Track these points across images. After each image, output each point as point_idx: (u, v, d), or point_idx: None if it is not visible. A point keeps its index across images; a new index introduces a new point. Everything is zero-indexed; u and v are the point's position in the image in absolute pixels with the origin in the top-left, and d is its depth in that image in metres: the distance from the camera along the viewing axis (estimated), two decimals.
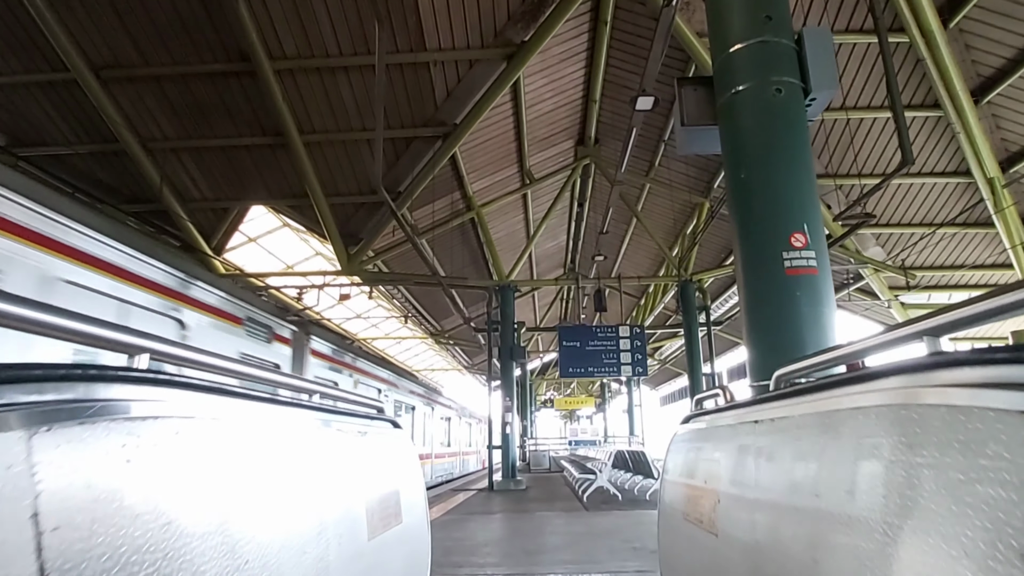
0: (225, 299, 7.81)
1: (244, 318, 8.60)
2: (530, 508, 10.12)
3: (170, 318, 6.56)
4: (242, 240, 17.01)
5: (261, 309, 9.56)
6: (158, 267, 6.48)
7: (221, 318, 7.79)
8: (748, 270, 4.03)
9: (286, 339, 10.28)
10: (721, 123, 4.29)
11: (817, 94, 4.00)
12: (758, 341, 3.87)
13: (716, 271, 16.22)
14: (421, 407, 17.07)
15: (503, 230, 18.79)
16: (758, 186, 3.91)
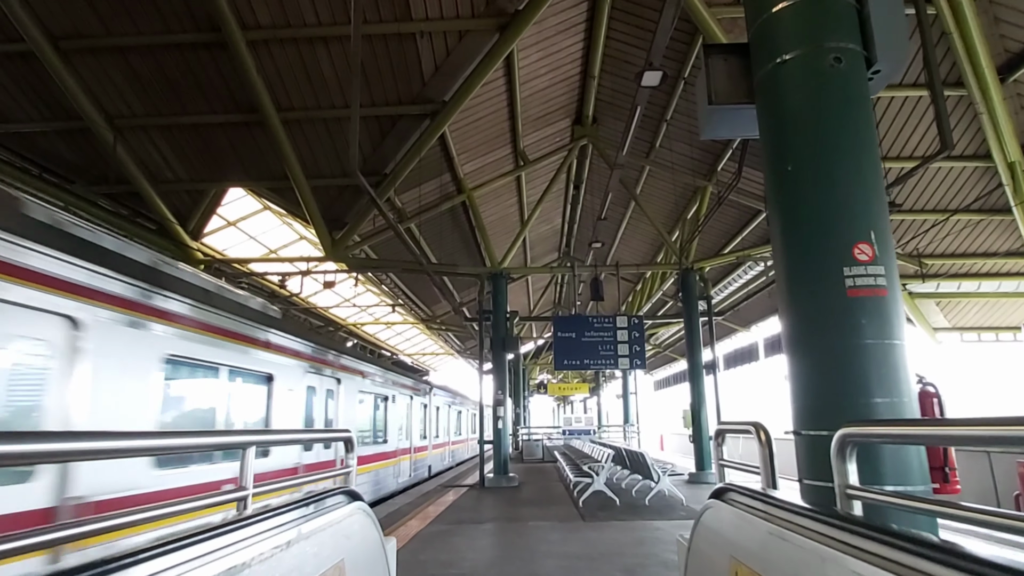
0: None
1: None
2: (522, 515, 9.48)
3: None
4: (221, 224, 16.15)
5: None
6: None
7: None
8: (796, 290, 3.26)
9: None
10: (759, 101, 3.49)
11: (883, 64, 3.16)
12: (807, 380, 3.12)
13: (718, 259, 15.51)
14: (400, 397, 15.75)
15: (495, 214, 18.00)
16: (810, 182, 3.08)
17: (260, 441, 2.73)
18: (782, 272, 3.25)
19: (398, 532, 8.14)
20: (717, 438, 4.02)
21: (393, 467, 14.58)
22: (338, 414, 10.67)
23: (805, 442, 3.03)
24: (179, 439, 2.12)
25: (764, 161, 3.49)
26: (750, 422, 3.53)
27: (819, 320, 2.98)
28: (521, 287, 25.95)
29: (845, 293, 2.91)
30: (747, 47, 3.60)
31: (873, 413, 2.77)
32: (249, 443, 2.62)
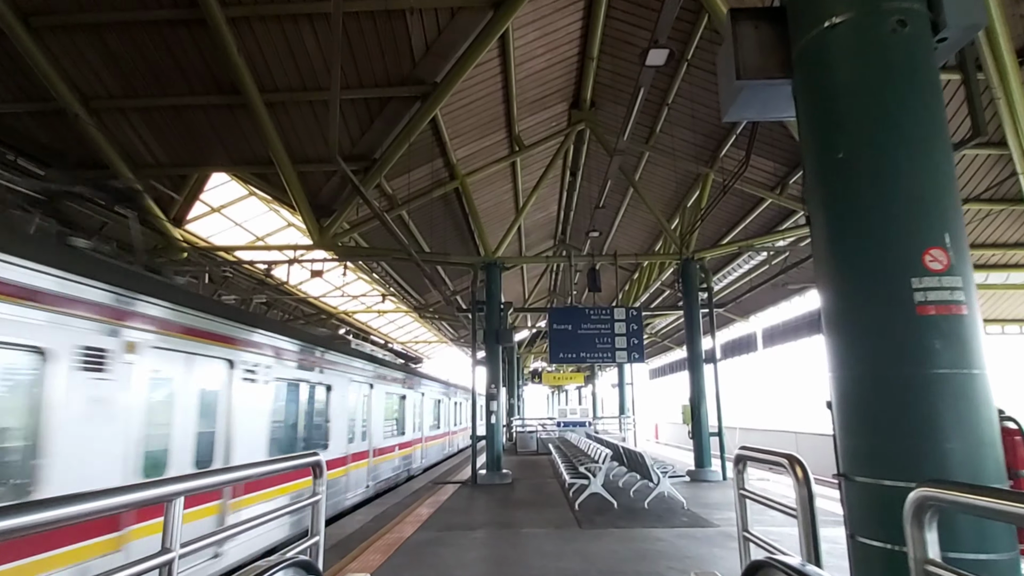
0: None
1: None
2: (516, 519, 9.05)
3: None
4: (205, 210, 15.56)
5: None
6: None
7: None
8: (847, 306, 2.66)
9: None
10: (799, 75, 2.90)
11: (952, 30, 2.61)
12: (862, 415, 2.55)
13: (719, 249, 15.01)
14: (378, 387, 14.38)
15: (489, 201, 17.46)
16: (867, 173, 2.51)
17: (191, 489, 2.23)
18: (829, 284, 2.67)
19: (384, 540, 7.69)
20: (738, 464, 3.55)
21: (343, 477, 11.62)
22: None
23: (858, 490, 2.51)
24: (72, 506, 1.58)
25: (805, 148, 2.94)
26: (783, 454, 3.05)
27: (878, 344, 2.42)
28: (516, 275, 25.44)
29: (913, 311, 2.36)
30: (783, 11, 3.04)
31: (948, 460, 2.22)
32: (174, 494, 2.12)
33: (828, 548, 6.88)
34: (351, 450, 12.12)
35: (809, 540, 2.75)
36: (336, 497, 10.85)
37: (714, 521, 8.52)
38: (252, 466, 2.95)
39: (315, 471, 3.60)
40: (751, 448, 3.55)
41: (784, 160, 13.42)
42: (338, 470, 11.16)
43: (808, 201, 2.97)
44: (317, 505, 3.60)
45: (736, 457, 3.62)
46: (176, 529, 2.16)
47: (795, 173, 13.44)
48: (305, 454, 3.59)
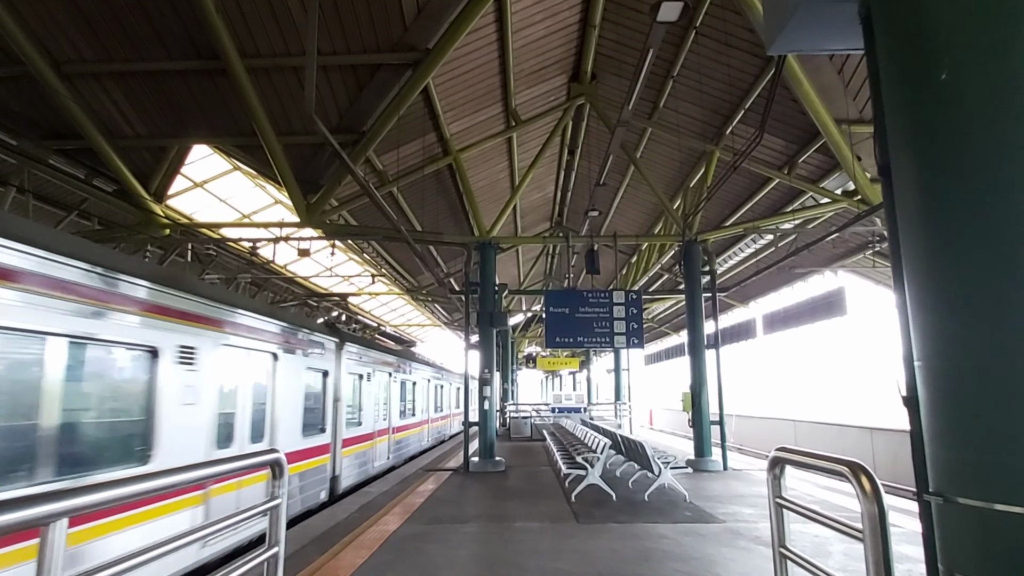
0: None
1: None
2: (509, 512, 8.55)
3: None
4: (187, 185, 14.90)
5: None
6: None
7: None
8: (956, 275, 2.02)
9: None
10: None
11: None
12: (967, 420, 1.96)
13: (724, 231, 14.46)
14: (349, 369, 12.88)
15: (484, 179, 16.83)
16: (980, 102, 1.89)
17: (79, 508, 1.68)
18: (925, 246, 2.02)
19: (368, 534, 7.18)
20: (774, 468, 3.01)
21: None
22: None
23: (958, 515, 1.90)
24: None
25: (888, 82, 2.31)
26: (841, 460, 2.50)
27: (998, 328, 1.80)
28: (511, 257, 24.85)
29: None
30: None
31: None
32: (52, 516, 1.56)
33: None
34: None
35: (880, 569, 2.22)
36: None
37: (719, 516, 8.03)
38: (185, 470, 2.39)
39: (274, 471, 3.05)
40: (791, 450, 3.00)
41: (794, 137, 12.84)
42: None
43: (891, 148, 2.39)
44: (276, 511, 3.05)
45: (772, 460, 3.07)
46: (56, 555, 1.61)
47: (805, 151, 12.87)
48: (263, 452, 3.04)
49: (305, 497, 9.96)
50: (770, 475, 3.14)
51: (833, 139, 11.53)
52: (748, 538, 6.80)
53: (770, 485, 3.20)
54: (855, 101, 11.47)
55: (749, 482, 11.26)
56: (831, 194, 13.13)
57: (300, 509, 9.71)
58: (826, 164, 13.19)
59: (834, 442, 20.14)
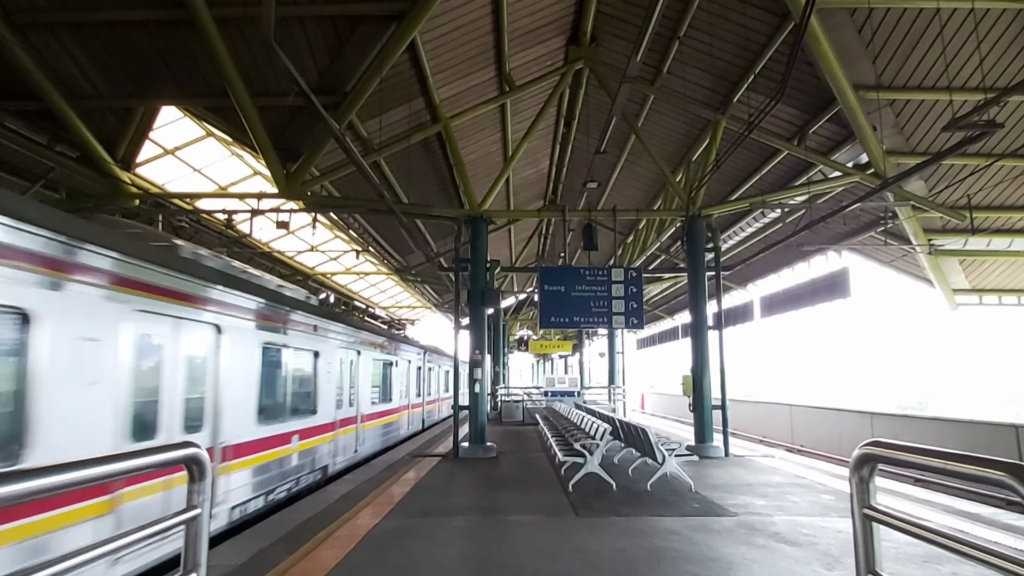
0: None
1: None
2: (501, 503, 7.84)
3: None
4: (157, 152, 13.94)
5: None
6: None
7: None
8: None
9: None
10: None
11: None
12: None
13: (730, 205, 13.68)
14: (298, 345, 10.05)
15: (476, 151, 15.98)
16: None
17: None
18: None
19: (345, 530, 6.44)
20: (860, 468, 2.26)
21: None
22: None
23: None
24: None
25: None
26: (992, 461, 1.75)
27: None
28: (502, 238, 24.03)
29: None
30: None
31: None
32: None
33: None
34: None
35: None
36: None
37: (729, 508, 7.35)
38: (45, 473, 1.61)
39: (191, 471, 2.26)
40: (889, 444, 2.26)
41: (805, 106, 12.09)
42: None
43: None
44: (196, 524, 2.27)
45: (860, 458, 2.33)
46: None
47: (817, 121, 12.11)
48: (175, 445, 2.25)
49: (257, 497, 8.06)
50: (855, 477, 2.40)
51: (849, 106, 10.78)
52: (766, 534, 6.11)
53: (855, 490, 2.45)
54: (874, 64, 10.71)
55: (754, 469, 10.62)
56: (842, 167, 12.40)
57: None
58: (838, 135, 12.45)
59: (832, 428, 19.61)
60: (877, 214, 13.83)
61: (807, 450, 19.55)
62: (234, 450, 7.51)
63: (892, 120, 11.62)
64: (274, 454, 8.79)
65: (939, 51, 10.42)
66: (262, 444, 8.39)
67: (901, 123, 11.76)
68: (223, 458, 7.25)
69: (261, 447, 8.37)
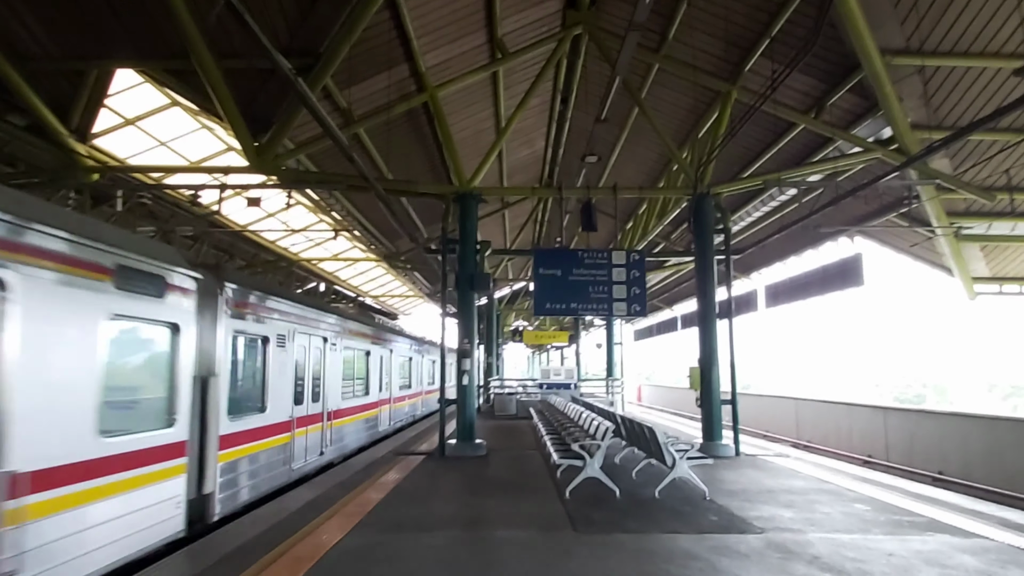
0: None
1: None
2: (488, 513, 6.85)
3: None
4: (117, 122, 12.81)
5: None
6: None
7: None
8: None
9: None
10: None
11: None
12: None
13: (741, 183, 12.63)
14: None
15: (466, 127, 14.91)
16: None
17: None
18: None
19: (300, 548, 5.42)
20: None
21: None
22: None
23: None
24: None
25: None
26: None
27: None
28: (496, 224, 22.97)
29: None
30: None
31: None
32: None
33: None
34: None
35: None
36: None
37: (753, 523, 6.36)
38: None
39: None
40: None
41: (824, 76, 11.08)
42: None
43: None
44: None
45: None
46: None
47: (837, 92, 11.10)
48: None
49: (98, 551, 5.09)
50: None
51: (875, 72, 9.78)
52: (804, 559, 5.12)
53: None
54: (902, 27, 9.69)
55: (771, 472, 9.66)
56: (863, 142, 11.40)
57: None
58: (859, 107, 11.45)
59: (841, 423, 18.74)
60: (899, 194, 12.85)
61: (813, 446, 18.69)
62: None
63: (919, 90, 10.62)
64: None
65: (975, 12, 9.43)
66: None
67: (929, 93, 10.75)
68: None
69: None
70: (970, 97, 10.69)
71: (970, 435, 13.57)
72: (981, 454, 13.27)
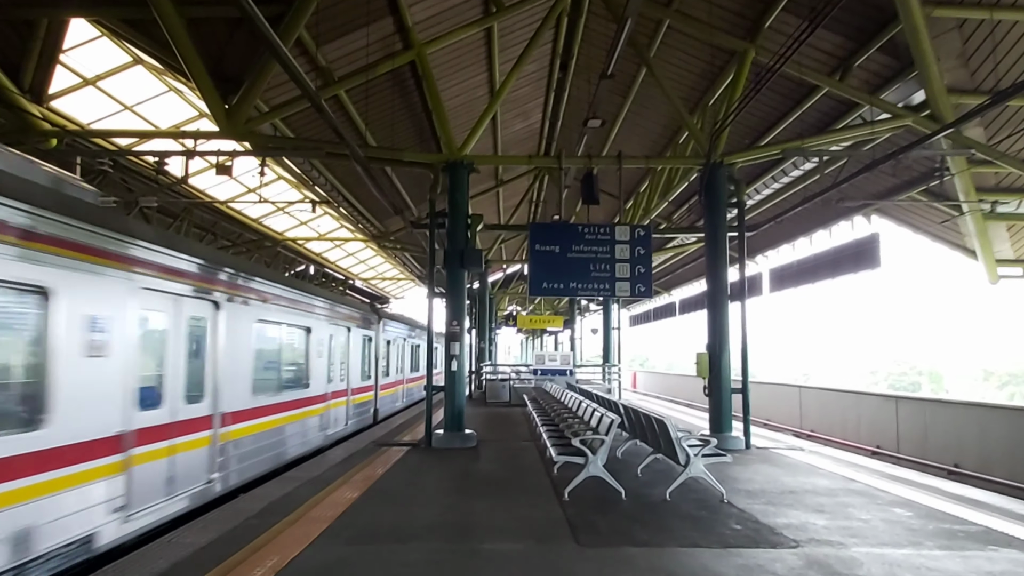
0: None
1: None
2: (477, 518, 5.94)
3: None
4: (76, 82, 11.71)
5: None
6: None
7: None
8: None
9: None
10: None
11: None
12: None
13: (758, 152, 11.61)
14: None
15: (457, 93, 13.86)
16: None
17: None
18: None
19: (245, 568, 4.48)
20: None
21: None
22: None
23: None
24: None
25: None
26: None
27: None
28: (489, 204, 21.95)
29: None
30: None
31: None
32: None
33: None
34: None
35: None
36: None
37: (784, 532, 5.45)
38: None
39: None
40: None
41: (853, 32, 10.06)
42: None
43: None
44: None
45: None
46: None
47: (865, 51, 10.09)
48: None
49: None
50: None
51: (913, 25, 8.77)
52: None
53: None
54: None
55: (788, 468, 8.79)
56: (893, 107, 10.41)
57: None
58: (888, 70, 10.46)
59: (848, 412, 17.93)
60: (926, 167, 11.90)
61: (817, 435, 17.92)
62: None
63: (958, 48, 9.62)
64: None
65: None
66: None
67: (968, 53, 9.76)
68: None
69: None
70: (1012, 58, 9.70)
71: (990, 426, 12.76)
72: (1002, 447, 12.47)
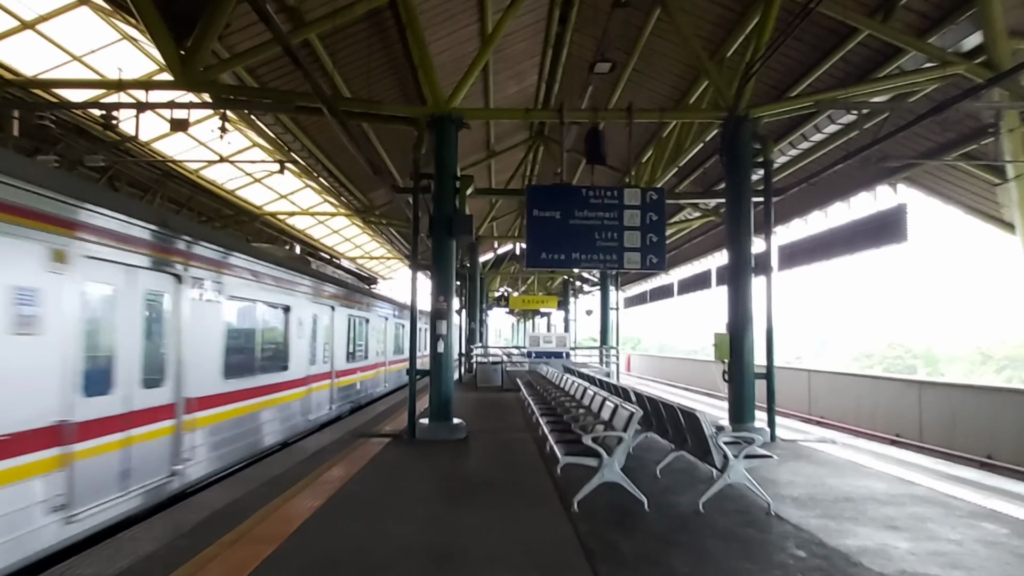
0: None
1: None
2: (464, 536, 4.72)
3: None
4: (13, 25, 10.23)
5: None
6: None
7: None
8: None
9: None
10: None
11: None
12: None
13: (788, 104, 10.23)
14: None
15: (445, 47, 12.45)
16: None
17: None
18: None
19: None
20: None
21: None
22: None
23: None
24: None
25: None
26: None
27: None
28: (480, 175, 20.50)
29: None
30: None
31: None
32: None
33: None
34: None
35: None
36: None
37: (861, 562, 4.23)
38: None
39: None
40: None
41: None
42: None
43: None
44: None
45: None
46: None
47: None
48: None
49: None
50: None
51: None
52: None
53: None
54: None
55: (828, 466, 7.61)
56: (942, 53, 9.11)
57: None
58: (937, 11, 9.15)
59: (863, 398, 16.89)
60: (974, 124, 10.63)
61: (827, 422, 16.89)
62: None
63: None
64: None
65: None
66: None
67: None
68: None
69: None
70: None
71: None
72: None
